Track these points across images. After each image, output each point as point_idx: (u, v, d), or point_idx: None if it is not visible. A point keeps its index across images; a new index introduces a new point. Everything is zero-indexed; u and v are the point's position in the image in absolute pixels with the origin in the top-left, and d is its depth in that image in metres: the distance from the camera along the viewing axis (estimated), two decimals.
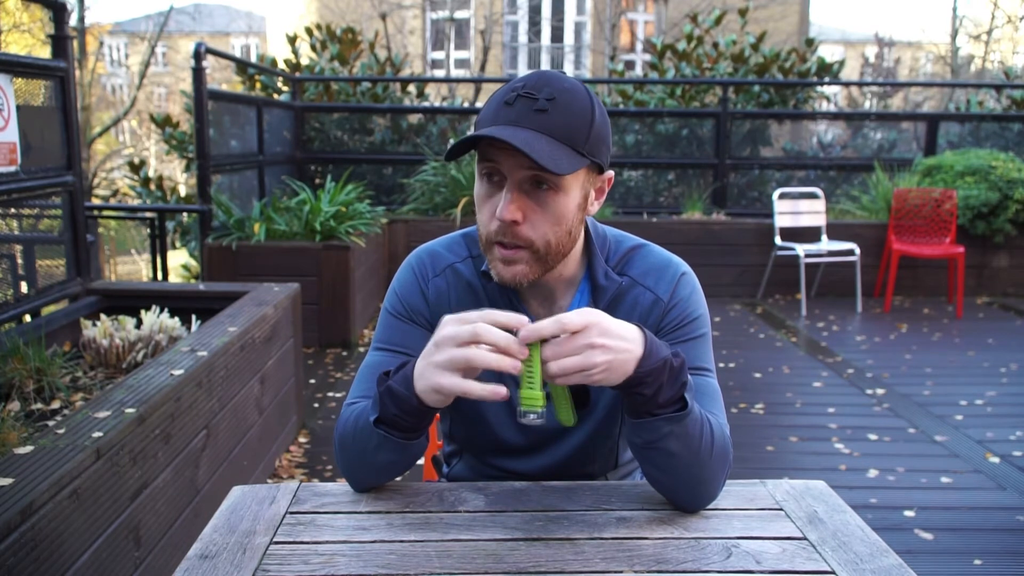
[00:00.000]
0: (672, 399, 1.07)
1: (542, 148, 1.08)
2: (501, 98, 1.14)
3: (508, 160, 1.12)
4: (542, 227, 1.15)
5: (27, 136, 2.70)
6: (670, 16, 16.56)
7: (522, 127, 1.10)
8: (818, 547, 1.06)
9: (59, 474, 1.52)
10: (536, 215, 1.15)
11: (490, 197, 1.17)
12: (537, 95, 1.11)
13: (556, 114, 1.11)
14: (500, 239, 1.16)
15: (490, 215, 1.16)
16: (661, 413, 1.07)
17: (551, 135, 1.10)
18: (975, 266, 6.55)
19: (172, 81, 28.12)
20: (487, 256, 1.20)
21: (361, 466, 1.18)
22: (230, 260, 4.75)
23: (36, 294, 2.87)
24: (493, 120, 1.12)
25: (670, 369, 1.06)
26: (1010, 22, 22.77)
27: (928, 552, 2.59)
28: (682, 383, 1.07)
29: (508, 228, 1.14)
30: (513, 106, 1.11)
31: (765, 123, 7.55)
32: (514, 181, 1.13)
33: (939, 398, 4.11)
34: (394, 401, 1.10)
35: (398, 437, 1.12)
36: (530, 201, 1.14)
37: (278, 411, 3.19)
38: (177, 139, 7.13)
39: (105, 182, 17.79)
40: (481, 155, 1.15)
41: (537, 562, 1.01)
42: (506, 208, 1.12)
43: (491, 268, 1.20)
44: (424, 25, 17.00)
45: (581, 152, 1.12)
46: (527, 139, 1.08)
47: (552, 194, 1.14)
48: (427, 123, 7.36)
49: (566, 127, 1.11)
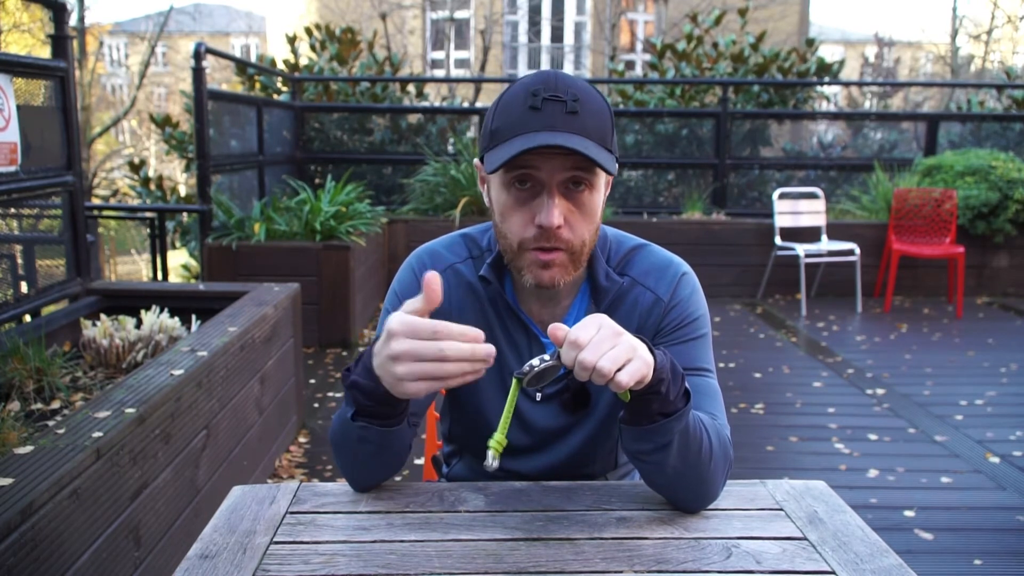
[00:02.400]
0: (679, 395, 1.06)
1: (593, 150, 1.09)
2: (523, 103, 1.12)
3: (547, 164, 1.11)
4: (580, 228, 1.16)
5: (27, 136, 2.70)
6: (670, 16, 16.56)
7: (562, 131, 1.10)
8: (818, 547, 1.06)
9: (59, 474, 1.52)
10: (574, 216, 1.15)
11: (523, 204, 1.15)
12: (564, 97, 1.11)
13: (586, 115, 1.11)
14: (539, 244, 1.15)
15: (524, 223, 1.15)
16: (673, 412, 1.06)
17: (588, 136, 1.11)
18: (975, 266, 6.55)
19: (172, 81, 28.11)
20: (517, 262, 1.18)
21: (354, 463, 1.18)
22: (230, 260, 4.75)
23: (36, 294, 2.87)
24: (523, 126, 1.11)
25: (673, 371, 1.05)
26: (1010, 22, 22.78)
27: (928, 552, 2.59)
28: (682, 375, 1.07)
29: (551, 232, 1.13)
30: (543, 111, 1.10)
31: (765, 123, 7.55)
32: (554, 185, 1.13)
33: (939, 398, 4.11)
34: (364, 394, 1.08)
35: (378, 425, 1.11)
36: (569, 203, 1.14)
37: (278, 411, 3.19)
38: (177, 139, 7.13)
39: (105, 182, 17.79)
40: (514, 163, 1.12)
41: (537, 562, 1.01)
42: (551, 214, 1.12)
43: (524, 273, 1.18)
44: (424, 25, 17.00)
45: (610, 149, 1.14)
46: (581, 143, 1.09)
47: (587, 194, 1.15)
48: (427, 123, 7.36)
49: (597, 126, 1.12)
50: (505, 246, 1.19)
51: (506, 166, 1.12)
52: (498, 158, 1.11)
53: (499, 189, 1.17)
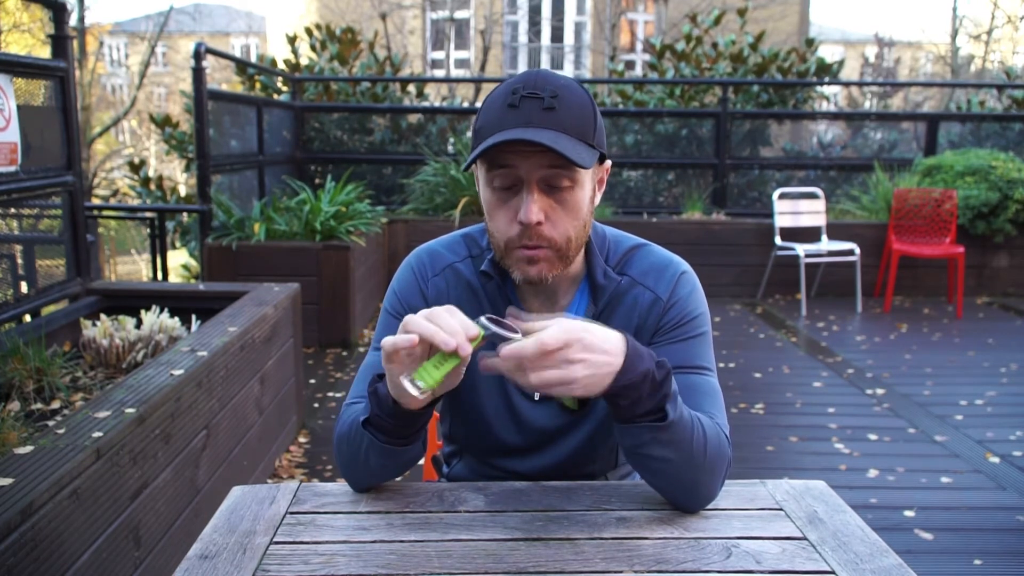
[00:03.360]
0: (652, 409, 1.06)
1: (565, 145, 1.09)
2: (503, 102, 1.12)
3: (525, 162, 1.12)
4: (563, 224, 1.16)
5: (27, 136, 2.70)
6: (670, 16, 16.56)
7: (537, 127, 1.10)
8: (818, 547, 1.06)
9: (59, 474, 1.52)
10: (556, 213, 1.15)
11: (505, 203, 1.16)
12: (541, 94, 1.11)
13: (563, 110, 1.11)
14: (523, 242, 1.15)
15: (508, 221, 1.16)
16: (640, 421, 1.06)
17: (565, 131, 1.10)
18: (975, 266, 6.55)
19: (172, 81, 28.11)
20: (506, 260, 1.19)
21: (356, 467, 1.18)
22: (230, 260, 4.75)
23: (36, 294, 2.87)
24: (500, 124, 1.11)
25: (651, 381, 1.04)
26: (1010, 22, 22.77)
27: (928, 552, 2.59)
28: (663, 395, 1.05)
29: (532, 230, 1.14)
30: (520, 108, 1.11)
31: (765, 123, 7.55)
32: (533, 182, 1.13)
33: (939, 398, 4.11)
34: (377, 403, 1.10)
35: (383, 441, 1.12)
36: (549, 200, 1.14)
37: (278, 411, 3.19)
38: (177, 139, 7.13)
39: (105, 182, 17.79)
40: (493, 162, 1.13)
41: (537, 562, 1.01)
42: (530, 210, 1.12)
43: (513, 271, 1.19)
44: (424, 25, 16.99)
45: (592, 144, 1.14)
46: (552, 137, 1.08)
47: (570, 190, 1.14)
48: (427, 123, 7.36)
49: (576, 122, 1.12)
50: (494, 244, 1.20)
51: (487, 164, 1.14)
52: (472, 155, 1.12)
53: (484, 188, 1.18)
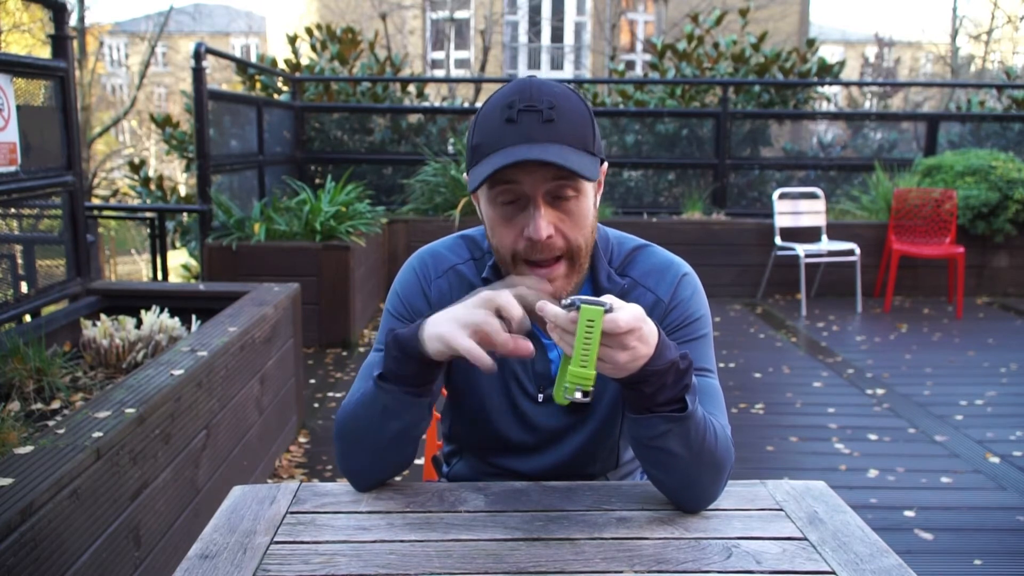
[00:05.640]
0: (672, 399, 1.06)
1: (571, 158, 1.08)
2: (500, 116, 1.12)
3: (529, 177, 1.11)
4: (572, 234, 1.15)
5: (27, 136, 2.70)
6: (670, 16, 16.56)
7: (539, 142, 1.09)
8: (818, 547, 1.06)
9: (59, 474, 1.52)
10: (564, 224, 1.15)
11: (510, 219, 1.15)
12: (539, 106, 1.10)
13: (563, 122, 1.11)
14: (531, 257, 1.15)
15: (514, 236, 1.15)
16: (660, 411, 1.07)
17: (566, 143, 1.10)
18: (975, 266, 6.55)
19: (172, 81, 28.12)
20: (513, 272, 1.19)
21: (363, 447, 1.17)
22: (230, 260, 4.75)
23: (36, 294, 2.87)
24: (500, 141, 1.11)
25: (675, 371, 1.05)
26: (1010, 22, 22.78)
27: (928, 552, 2.59)
28: (684, 385, 1.07)
29: (541, 245, 1.13)
30: (519, 123, 1.10)
31: (765, 123, 7.55)
32: (539, 197, 1.12)
33: (939, 398, 4.11)
34: (398, 345, 1.09)
35: (400, 392, 1.11)
36: (556, 212, 1.14)
37: (278, 411, 3.19)
38: (177, 139, 7.13)
39: (105, 182, 17.78)
40: (496, 179, 1.12)
41: (537, 562, 1.01)
42: (538, 227, 1.12)
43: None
44: (424, 25, 17.00)
45: (592, 152, 1.14)
46: (557, 152, 1.08)
47: (575, 200, 1.14)
48: (427, 123, 7.36)
49: (576, 131, 1.12)
50: (499, 257, 1.20)
51: (489, 182, 1.12)
52: (477, 176, 1.11)
53: (487, 204, 1.18)
